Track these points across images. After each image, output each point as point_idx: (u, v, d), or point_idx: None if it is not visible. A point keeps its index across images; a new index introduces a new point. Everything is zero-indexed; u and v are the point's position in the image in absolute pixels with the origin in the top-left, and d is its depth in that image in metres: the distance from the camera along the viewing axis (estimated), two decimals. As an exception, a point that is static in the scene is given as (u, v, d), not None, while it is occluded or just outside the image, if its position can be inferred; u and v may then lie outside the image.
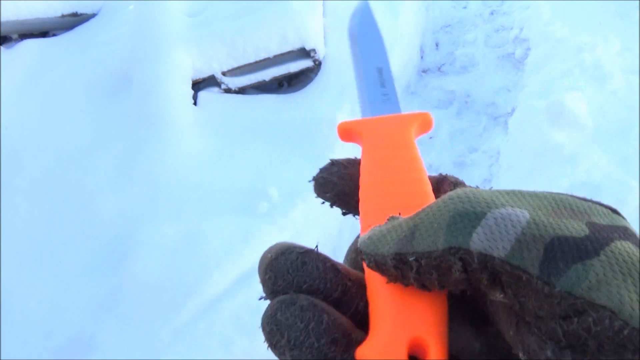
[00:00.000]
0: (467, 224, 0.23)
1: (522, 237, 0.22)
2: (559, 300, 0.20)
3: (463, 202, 0.23)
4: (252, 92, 2.82)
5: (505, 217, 0.22)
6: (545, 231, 0.22)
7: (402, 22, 3.06)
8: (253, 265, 1.99)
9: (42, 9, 3.50)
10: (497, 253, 0.22)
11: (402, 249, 0.24)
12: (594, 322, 0.19)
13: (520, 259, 0.21)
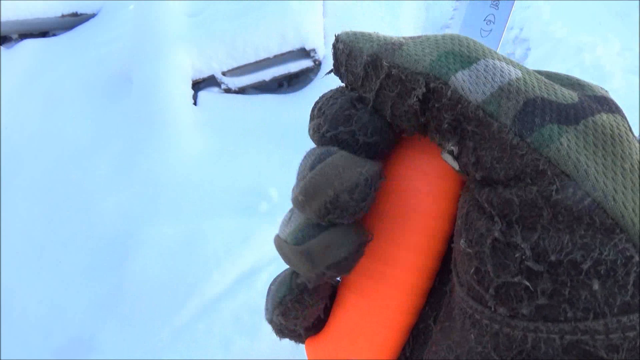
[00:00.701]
0: (456, 61, 0.21)
1: (506, 87, 0.20)
2: (523, 153, 0.19)
3: (461, 45, 0.22)
4: (252, 92, 2.82)
5: (497, 67, 0.21)
6: (532, 90, 0.20)
7: (402, 22, 3.06)
8: (253, 265, 1.99)
9: (42, 9, 3.51)
10: (474, 97, 0.20)
11: (382, 53, 0.22)
12: (556, 191, 0.18)
13: (497, 107, 0.20)
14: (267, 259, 2.01)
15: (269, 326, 0.27)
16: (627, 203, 0.18)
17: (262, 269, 1.98)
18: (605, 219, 0.18)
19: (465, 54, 0.21)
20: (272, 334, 0.26)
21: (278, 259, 2.02)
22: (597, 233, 0.18)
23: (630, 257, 0.17)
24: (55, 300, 2.07)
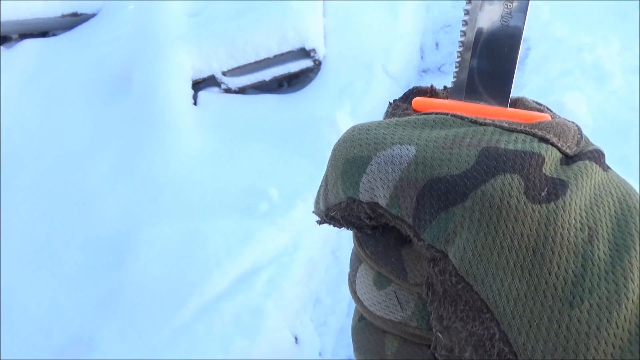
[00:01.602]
0: (355, 172, 0.23)
1: (399, 184, 0.22)
2: (426, 248, 0.22)
3: (353, 146, 0.24)
4: (252, 92, 2.82)
5: (388, 159, 0.23)
6: (423, 172, 0.22)
7: (402, 22, 3.06)
8: (253, 265, 1.99)
9: (42, 9, 3.51)
10: (381, 201, 0.23)
11: (325, 204, 0.26)
12: (440, 272, 0.22)
13: (398, 209, 0.22)
14: (267, 259, 2.01)
15: (269, 326, 0.28)
16: (494, 286, 0.21)
17: (262, 269, 1.98)
18: (476, 300, 0.21)
19: (358, 157, 0.24)
20: (272, 333, 0.27)
21: (278, 259, 2.02)
22: (471, 310, 0.21)
23: (494, 334, 0.21)
24: (55, 300, 2.07)
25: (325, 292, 2.16)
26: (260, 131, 2.51)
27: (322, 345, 2.03)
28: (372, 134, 0.24)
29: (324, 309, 2.12)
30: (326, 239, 2.23)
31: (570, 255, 0.21)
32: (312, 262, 2.12)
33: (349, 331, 1.60)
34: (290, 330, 1.94)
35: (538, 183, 0.22)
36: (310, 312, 2.08)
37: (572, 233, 0.21)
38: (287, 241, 2.06)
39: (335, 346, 2.05)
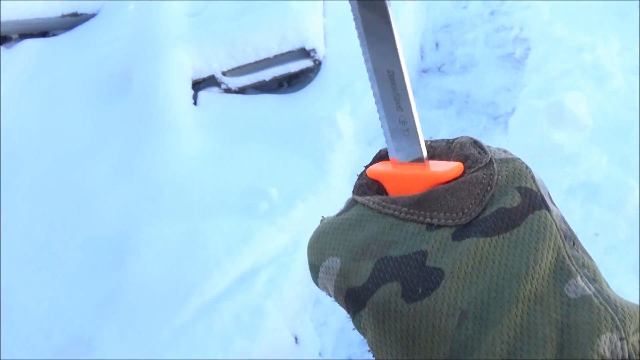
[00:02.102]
0: (314, 274, 0.32)
1: (335, 289, 0.30)
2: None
3: (311, 253, 0.32)
4: (252, 92, 2.82)
5: (326, 270, 0.31)
6: (344, 283, 0.30)
7: (402, 22, 3.06)
8: (253, 265, 1.99)
9: (42, 9, 3.51)
10: (331, 295, 0.32)
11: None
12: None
13: (339, 302, 0.31)
14: (267, 259, 2.01)
15: (269, 326, 0.30)
16: None
17: (262, 269, 1.98)
18: None
19: (312, 264, 0.32)
20: (272, 333, 0.28)
21: (278, 259, 2.02)
22: None
23: None
24: (55, 300, 2.07)
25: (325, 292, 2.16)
26: (260, 131, 2.51)
27: (322, 345, 2.03)
28: (320, 243, 0.32)
29: (324, 309, 2.12)
30: (326, 239, 2.23)
31: (441, 341, 0.26)
32: (312, 262, 2.12)
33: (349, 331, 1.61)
34: (290, 330, 1.94)
35: (415, 281, 0.27)
36: (310, 312, 2.08)
37: (443, 320, 0.26)
38: (287, 241, 2.06)
39: (335, 346, 2.05)
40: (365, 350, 2.04)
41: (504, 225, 0.27)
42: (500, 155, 0.31)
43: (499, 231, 0.27)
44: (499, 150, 0.32)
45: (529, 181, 0.29)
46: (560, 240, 0.27)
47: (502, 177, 0.29)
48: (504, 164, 0.30)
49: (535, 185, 0.29)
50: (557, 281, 0.26)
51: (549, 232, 0.27)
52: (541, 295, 0.26)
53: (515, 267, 0.26)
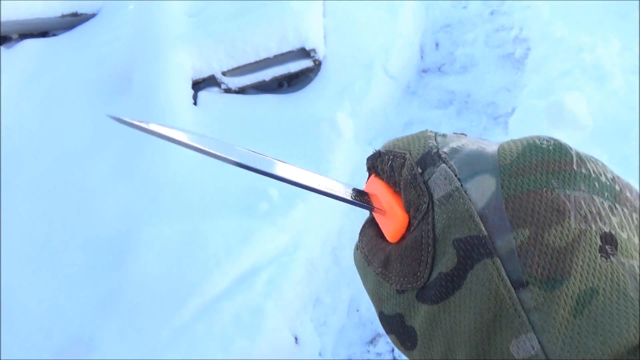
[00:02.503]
0: None
1: None
2: None
3: None
4: (252, 92, 2.82)
5: None
6: None
7: (402, 22, 3.06)
8: (253, 265, 1.99)
9: (42, 9, 3.51)
10: None
11: None
12: None
13: None
14: (267, 259, 2.01)
15: (269, 326, 0.29)
16: None
17: (262, 269, 1.98)
18: None
19: None
20: (272, 333, 0.27)
21: (278, 259, 2.02)
22: None
23: None
24: (55, 300, 2.07)
25: (325, 292, 2.16)
26: (260, 131, 2.51)
27: (322, 345, 2.03)
28: None
29: (324, 309, 2.12)
30: (326, 239, 2.23)
31: None
32: (312, 262, 2.12)
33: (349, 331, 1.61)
34: (290, 330, 1.94)
35: (404, 337, 0.31)
36: (310, 312, 2.08)
37: None
38: (287, 241, 2.06)
39: (335, 346, 2.05)
40: (366, 350, 2.04)
41: (446, 290, 0.28)
42: (441, 189, 0.30)
43: (443, 297, 0.28)
44: (451, 149, 0.32)
45: (466, 226, 0.28)
46: (502, 291, 0.26)
47: (439, 230, 0.29)
48: (442, 206, 0.29)
49: (474, 224, 0.28)
50: (504, 340, 0.26)
51: (487, 291, 0.27)
52: (490, 357, 0.27)
53: (462, 332, 0.28)
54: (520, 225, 0.27)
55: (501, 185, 0.28)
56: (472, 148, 0.31)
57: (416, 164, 0.32)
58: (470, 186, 0.29)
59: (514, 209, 0.27)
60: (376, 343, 2.05)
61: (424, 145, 0.33)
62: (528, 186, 0.28)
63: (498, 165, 0.29)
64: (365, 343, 2.06)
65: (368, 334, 2.07)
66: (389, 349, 2.03)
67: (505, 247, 0.27)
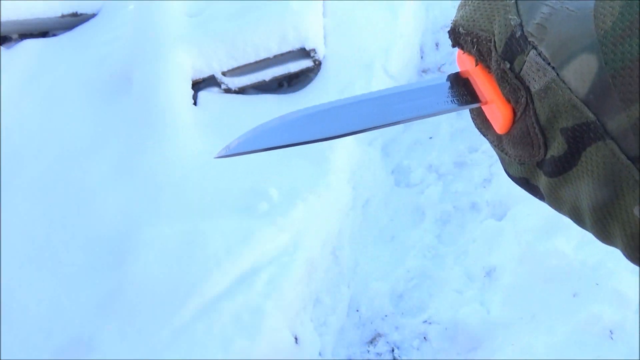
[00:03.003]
0: None
1: None
2: None
3: None
4: (252, 92, 2.82)
5: None
6: None
7: (402, 22, 3.06)
8: (253, 265, 1.99)
9: (42, 9, 3.50)
10: None
11: None
12: None
13: None
14: (267, 259, 2.01)
15: (269, 326, 0.28)
16: None
17: (262, 269, 1.98)
18: None
19: None
20: (272, 333, 0.27)
21: (278, 259, 2.02)
22: None
23: None
24: (55, 300, 2.07)
25: (325, 292, 2.16)
26: (260, 131, 2.50)
27: (322, 345, 2.03)
28: None
29: (324, 309, 2.12)
30: (326, 239, 2.23)
31: None
32: (312, 262, 2.12)
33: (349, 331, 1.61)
34: (290, 330, 1.94)
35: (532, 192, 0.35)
36: (310, 312, 2.08)
37: None
38: (287, 241, 2.06)
39: (335, 346, 2.05)
40: (366, 350, 2.04)
41: (560, 169, 0.29)
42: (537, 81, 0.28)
43: (561, 173, 0.29)
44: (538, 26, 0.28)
45: (571, 115, 0.26)
46: (620, 168, 0.25)
47: (544, 121, 0.28)
48: (542, 100, 0.28)
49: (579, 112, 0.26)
50: (627, 204, 0.26)
51: (602, 170, 0.26)
52: (615, 216, 0.27)
53: (585, 199, 0.28)
54: (633, 101, 0.24)
55: (605, 62, 0.25)
56: (562, 17, 0.27)
57: (502, 56, 0.29)
58: (568, 73, 0.26)
59: (624, 83, 0.24)
60: (376, 343, 2.05)
61: (506, 24, 0.29)
62: (638, 49, 0.24)
63: (597, 35, 0.25)
64: (365, 343, 2.06)
65: (368, 334, 2.07)
66: (389, 349, 2.03)
67: (619, 127, 0.25)
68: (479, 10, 0.31)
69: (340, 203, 2.33)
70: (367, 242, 2.32)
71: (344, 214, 2.34)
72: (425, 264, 2.18)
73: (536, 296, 1.88)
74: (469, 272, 2.10)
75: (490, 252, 2.10)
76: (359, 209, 2.41)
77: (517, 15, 0.29)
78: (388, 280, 2.17)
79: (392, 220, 2.38)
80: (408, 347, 2.01)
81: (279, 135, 0.33)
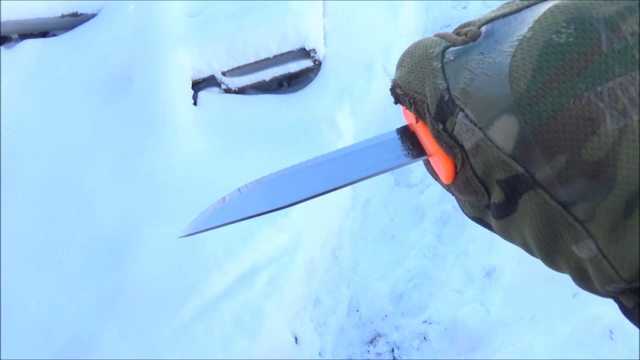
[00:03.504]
0: None
1: None
2: None
3: None
4: (252, 92, 2.82)
5: None
6: None
7: (402, 22, 3.06)
8: (253, 265, 1.99)
9: (42, 9, 3.50)
10: None
11: None
12: None
13: None
14: (267, 259, 2.01)
15: (269, 326, 0.28)
16: None
17: (262, 269, 1.98)
18: None
19: None
20: (272, 333, 0.27)
21: (278, 259, 2.02)
22: None
23: None
24: (55, 300, 2.07)
25: (325, 292, 2.16)
26: (260, 131, 2.51)
27: (322, 345, 2.03)
28: None
29: (324, 309, 2.12)
30: (326, 239, 2.23)
31: None
32: (312, 262, 2.12)
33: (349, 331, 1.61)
34: (290, 330, 1.94)
35: (487, 227, 0.36)
36: (310, 312, 2.08)
37: None
38: (287, 241, 2.07)
39: (335, 346, 2.06)
40: (365, 350, 2.04)
41: (503, 214, 0.30)
42: (468, 140, 0.30)
43: (503, 217, 0.31)
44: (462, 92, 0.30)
45: (502, 169, 0.28)
46: (553, 213, 0.27)
47: (481, 174, 0.30)
48: (475, 157, 0.30)
49: (508, 167, 0.28)
50: (566, 243, 0.28)
51: (538, 215, 0.28)
52: (557, 253, 0.29)
53: (530, 238, 0.30)
54: (554, 154, 0.26)
55: (524, 122, 0.26)
56: (482, 82, 0.28)
57: (435, 118, 0.31)
58: (493, 133, 0.28)
59: (544, 139, 0.26)
60: (376, 343, 2.05)
61: (435, 87, 0.31)
62: (553, 106, 0.26)
63: (514, 98, 0.27)
64: (365, 343, 2.06)
65: (368, 334, 2.07)
66: (389, 349, 2.03)
67: (545, 177, 0.27)
68: (413, 72, 0.33)
69: (340, 203, 2.33)
70: (367, 242, 2.32)
71: (344, 214, 2.34)
72: (425, 264, 2.18)
73: (536, 296, 1.88)
74: (469, 272, 2.10)
75: (490, 252, 2.10)
76: (359, 209, 2.41)
77: (444, 80, 0.30)
78: (388, 280, 2.17)
79: (392, 220, 2.38)
80: (408, 347, 2.01)
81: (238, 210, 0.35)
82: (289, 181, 0.36)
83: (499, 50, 0.29)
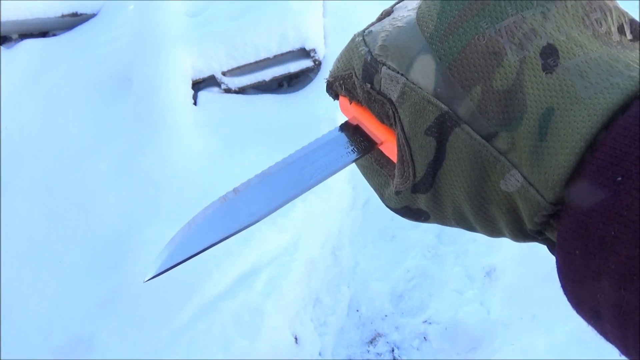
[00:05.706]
0: None
1: None
2: None
3: None
4: (252, 92, 2.82)
5: None
6: None
7: (402, 22, 3.06)
8: (253, 265, 1.99)
9: (42, 9, 3.50)
10: None
11: None
12: None
13: None
14: (267, 259, 2.01)
15: (269, 326, 0.28)
16: None
17: (262, 269, 1.98)
18: None
19: None
20: (272, 333, 0.27)
21: (278, 259, 2.02)
22: None
23: None
24: (55, 300, 2.07)
25: (325, 292, 2.16)
26: (260, 131, 2.51)
27: (322, 345, 2.03)
28: None
29: (324, 309, 2.12)
30: (326, 239, 2.23)
31: None
32: (312, 262, 2.12)
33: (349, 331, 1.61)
34: (290, 330, 1.94)
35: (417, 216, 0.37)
36: (310, 312, 2.09)
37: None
38: (287, 241, 2.07)
39: (335, 346, 2.06)
40: (365, 350, 2.04)
41: (433, 172, 0.31)
42: (394, 91, 0.31)
43: (432, 181, 0.32)
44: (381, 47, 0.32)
45: (429, 111, 0.29)
46: (478, 147, 0.28)
47: (408, 127, 0.31)
48: (402, 106, 0.31)
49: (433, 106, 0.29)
50: (494, 183, 0.28)
51: (465, 154, 0.29)
52: (488, 199, 0.30)
53: (461, 193, 0.30)
54: (470, 85, 0.28)
55: (439, 58, 0.29)
56: (396, 33, 0.31)
57: (362, 80, 0.33)
58: (414, 75, 0.30)
59: (459, 72, 0.28)
60: (376, 343, 2.05)
61: (359, 55, 0.33)
62: (461, 42, 0.28)
63: (424, 38, 0.29)
64: (365, 343, 2.06)
65: (368, 334, 2.07)
66: (389, 349, 2.03)
67: (467, 111, 0.28)
68: (341, 59, 0.36)
69: (340, 203, 2.33)
70: (367, 242, 2.32)
71: (344, 214, 2.34)
72: (425, 263, 2.18)
73: (536, 296, 1.88)
74: (469, 272, 2.10)
75: (490, 252, 2.10)
76: (359, 209, 2.41)
77: (365, 46, 0.33)
78: (388, 280, 2.17)
79: (392, 220, 2.38)
80: (408, 347, 2.01)
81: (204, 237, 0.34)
82: (250, 198, 0.36)
83: (407, 9, 0.32)
